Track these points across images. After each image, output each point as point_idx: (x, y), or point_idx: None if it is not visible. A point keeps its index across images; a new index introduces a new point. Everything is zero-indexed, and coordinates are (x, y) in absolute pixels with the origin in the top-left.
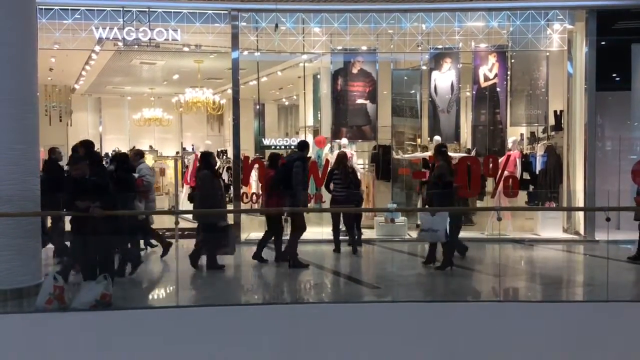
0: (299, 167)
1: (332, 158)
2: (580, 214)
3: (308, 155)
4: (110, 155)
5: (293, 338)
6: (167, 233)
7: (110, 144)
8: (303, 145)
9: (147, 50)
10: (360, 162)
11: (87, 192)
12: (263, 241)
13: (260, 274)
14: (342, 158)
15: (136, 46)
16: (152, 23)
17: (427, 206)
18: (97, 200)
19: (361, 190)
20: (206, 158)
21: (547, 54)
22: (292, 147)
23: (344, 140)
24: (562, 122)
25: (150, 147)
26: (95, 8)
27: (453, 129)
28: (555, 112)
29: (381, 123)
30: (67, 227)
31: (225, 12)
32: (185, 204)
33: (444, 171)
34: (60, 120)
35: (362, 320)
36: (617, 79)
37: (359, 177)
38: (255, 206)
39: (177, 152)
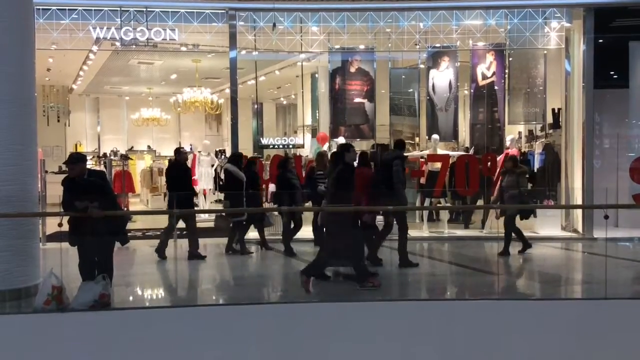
0: (399, 165)
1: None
2: (579, 212)
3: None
4: (108, 155)
5: (289, 337)
6: None
7: (109, 144)
8: (401, 144)
9: (144, 50)
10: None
11: (85, 193)
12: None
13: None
14: (324, 157)
15: (134, 46)
16: (150, 23)
17: None
18: (95, 200)
19: None
20: (340, 155)
21: (545, 52)
22: (291, 146)
23: (342, 139)
24: (560, 120)
25: (149, 147)
26: (93, 8)
27: (451, 127)
28: (553, 110)
29: (379, 122)
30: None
31: (223, 11)
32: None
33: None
34: (58, 121)
35: (360, 319)
36: (615, 76)
37: None
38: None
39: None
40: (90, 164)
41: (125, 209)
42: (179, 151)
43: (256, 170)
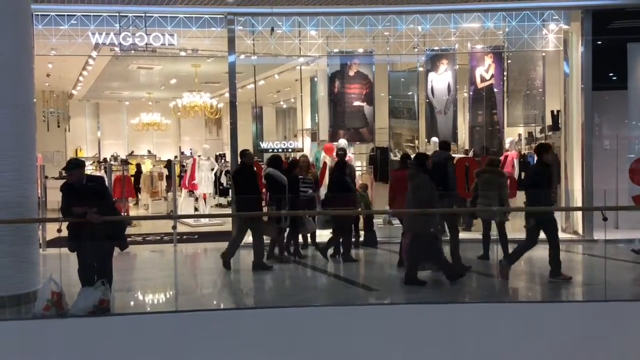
0: (452, 166)
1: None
2: (579, 214)
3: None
4: (109, 160)
5: (291, 341)
6: (165, 237)
7: (109, 149)
8: (448, 145)
9: (144, 55)
10: (358, 165)
11: (84, 198)
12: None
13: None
14: (307, 162)
15: (133, 51)
16: (149, 28)
17: None
18: (94, 206)
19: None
20: (421, 160)
21: (543, 54)
22: (290, 149)
23: (343, 142)
24: (559, 122)
25: (149, 151)
26: (92, 14)
27: (450, 130)
28: (552, 112)
29: (378, 125)
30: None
31: (222, 16)
32: (184, 209)
33: None
34: (59, 126)
35: (361, 323)
36: (614, 78)
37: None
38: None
39: (175, 157)
40: (90, 169)
41: (125, 214)
42: (244, 153)
43: (297, 173)
